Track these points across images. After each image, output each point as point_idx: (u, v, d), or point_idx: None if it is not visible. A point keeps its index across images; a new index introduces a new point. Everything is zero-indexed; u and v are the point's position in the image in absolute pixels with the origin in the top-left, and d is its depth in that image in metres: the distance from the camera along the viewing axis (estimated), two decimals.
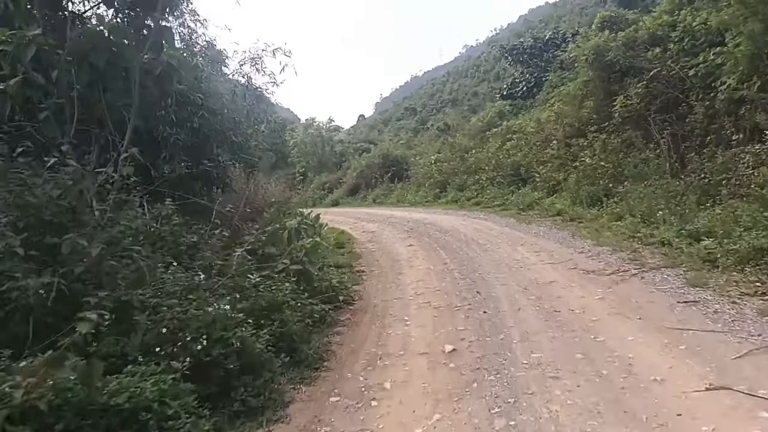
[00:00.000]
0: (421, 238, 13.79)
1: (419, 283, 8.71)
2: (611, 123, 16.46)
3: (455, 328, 6.14)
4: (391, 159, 30.15)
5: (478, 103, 50.01)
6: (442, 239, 13.03)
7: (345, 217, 22.11)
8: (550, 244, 10.70)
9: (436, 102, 72.22)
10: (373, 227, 17.51)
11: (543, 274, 8.24)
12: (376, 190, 29.15)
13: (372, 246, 13.48)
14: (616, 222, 11.48)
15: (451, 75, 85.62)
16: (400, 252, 12.03)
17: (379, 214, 21.46)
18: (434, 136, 33.54)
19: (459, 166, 24.05)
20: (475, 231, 13.64)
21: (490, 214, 17.01)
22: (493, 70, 75.15)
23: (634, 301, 6.39)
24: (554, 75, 29.28)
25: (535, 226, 13.39)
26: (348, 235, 16.18)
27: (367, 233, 16.16)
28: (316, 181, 34.82)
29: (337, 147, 38.21)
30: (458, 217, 17.48)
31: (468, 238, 12.60)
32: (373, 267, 10.65)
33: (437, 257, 10.79)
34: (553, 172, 17.86)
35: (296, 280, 6.98)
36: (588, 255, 9.26)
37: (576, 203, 14.90)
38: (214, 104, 10.05)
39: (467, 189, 22.42)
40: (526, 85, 32.81)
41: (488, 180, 21.52)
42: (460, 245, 11.81)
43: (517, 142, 22.32)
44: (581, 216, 13.41)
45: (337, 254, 12.34)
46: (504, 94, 34.42)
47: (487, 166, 22.10)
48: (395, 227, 16.74)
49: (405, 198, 26.09)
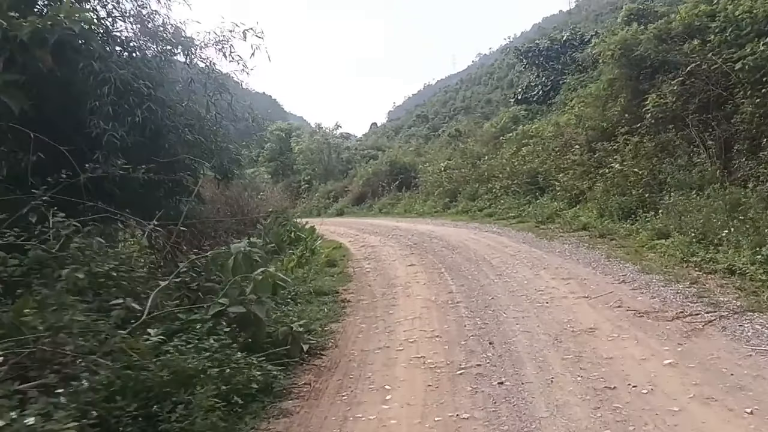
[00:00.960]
0: (425, 255, 11.67)
1: (414, 321, 6.57)
2: (642, 125, 14.26)
3: (457, 413, 3.98)
4: (399, 166, 28.07)
5: (491, 110, 47.94)
6: (448, 258, 10.90)
7: (347, 228, 20.09)
8: (580, 269, 8.51)
9: (449, 109, 70.22)
10: (375, 240, 15.44)
11: (578, 315, 6.06)
12: (383, 199, 27.08)
13: (368, 265, 11.38)
14: (659, 240, 9.27)
15: (464, 82, 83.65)
16: (399, 274, 9.91)
17: (383, 226, 19.39)
18: (445, 143, 31.42)
19: (470, 174, 21.89)
20: (488, 248, 11.50)
21: (505, 228, 14.83)
22: (506, 77, 73.17)
23: (729, 374, 4.13)
24: (572, 78, 27.18)
25: (558, 243, 11.20)
26: (344, 249, 14.14)
27: (366, 248, 14.07)
28: (321, 189, 32.84)
29: (344, 154, 36.20)
30: (469, 230, 15.32)
31: (479, 257, 10.46)
32: (362, 294, 8.53)
33: (441, 283, 8.66)
34: (575, 180, 15.65)
35: (236, 327, 4.91)
36: (633, 286, 7.05)
37: (604, 216, 12.70)
38: (168, 95, 8.05)
39: (479, 198, 20.25)
40: (542, 89, 30.74)
41: (502, 189, 19.35)
42: (469, 267, 9.66)
43: (533, 148, 20.14)
44: (612, 231, 11.20)
45: (326, 275, 10.29)
46: (519, 98, 32.32)
47: (501, 174, 19.92)
48: (398, 241, 14.64)
49: (412, 208, 23.97)
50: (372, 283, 9.39)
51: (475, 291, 7.80)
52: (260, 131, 12.74)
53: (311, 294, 8.43)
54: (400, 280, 9.27)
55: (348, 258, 12.61)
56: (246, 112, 10.78)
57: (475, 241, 12.91)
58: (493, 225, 15.79)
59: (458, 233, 14.76)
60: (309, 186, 34.25)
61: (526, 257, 9.97)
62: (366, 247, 14.29)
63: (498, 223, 16.21)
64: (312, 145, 34.90)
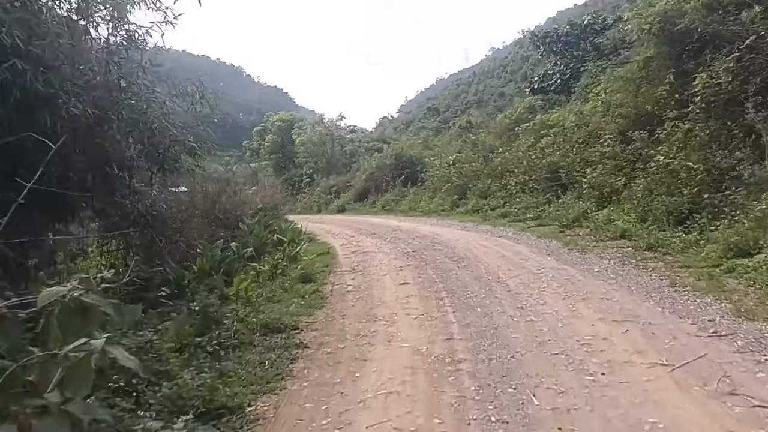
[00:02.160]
0: (423, 269, 9.09)
1: (388, 403, 4.01)
2: (689, 111, 11.56)
3: None
4: (404, 160, 25.45)
5: (504, 103, 45.04)
6: (452, 274, 8.31)
7: (344, 228, 17.57)
8: (637, 303, 5.86)
9: (461, 103, 67.33)
10: (370, 244, 12.92)
11: (666, 413, 3.42)
12: (387, 195, 24.49)
13: (352, 280, 8.83)
14: (740, 260, 6.61)
15: (477, 75, 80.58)
16: (386, 298, 7.32)
17: (383, 226, 16.83)
18: (455, 135, 28.68)
19: (482, 168, 19.20)
20: (503, 261, 8.89)
21: (523, 232, 12.18)
22: (520, 70, 70.12)
23: None
24: (594, 64, 24.41)
25: (594, 256, 8.55)
26: (332, 256, 11.68)
27: (357, 255, 11.54)
28: (323, 184, 30.26)
29: (348, 146, 33.51)
30: (479, 234, 12.69)
31: (492, 275, 7.86)
32: (329, 333, 5.96)
33: (439, 318, 6.05)
34: (606, 176, 12.96)
35: None
36: (737, 345, 4.36)
37: (647, 221, 10.05)
38: (52, 51, 5.52)
39: (491, 196, 17.59)
40: (561, 77, 28.04)
41: (518, 185, 16.68)
42: (478, 291, 7.05)
43: (554, 139, 17.42)
44: (663, 243, 8.54)
45: (293, 296, 7.83)
46: (535, 87, 29.58)
47: (516, 168, 17.24)
48: (396, 247, 12.09)
49: (418, 205, 21.36)
50: (348, 312, 6.82)
51: (486, 338, 5.18)
52: (221, 114, 10.14)
53: (255, 331, 5.92)
54: (385, 310, 6.69)
55: (332, 269, 10.10)
56: (191, 84, 8.20)
57: (487, 249, 10.30)
58: (508, 228, 13.14)
59: (466, 238, 12.14)
60: (310, 180, 31.72)
61: (554, 278, 7.33)
62: (358, 253, 11.75)
63: (513, 225, 13.55)
64: (314, 136, 32.22)
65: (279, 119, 36.08)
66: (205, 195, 15.24)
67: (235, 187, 16.38)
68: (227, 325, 5.79)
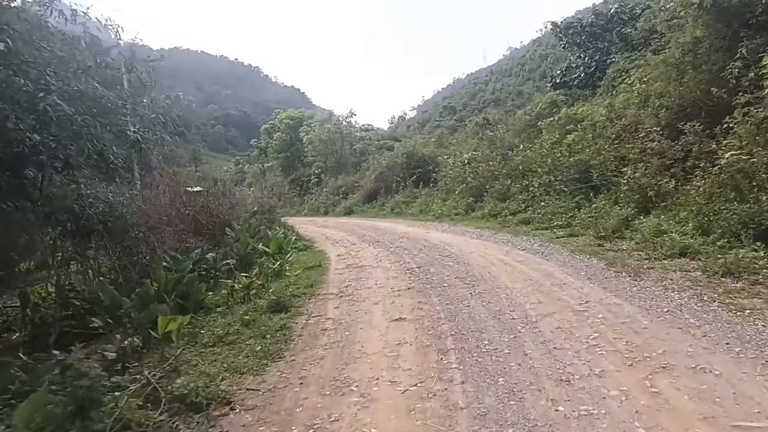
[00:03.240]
0: (427, 294, 6.91)
1: None
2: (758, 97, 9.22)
3: None
4: (416, 159, 23.18)
5: (522, 102, 42.53)
6: (463, 307, 6.09)
7: (346, 234, 15.46)
8: (751, 385, 3.63)
9: (478, 102, 64.83)
10: (370, 256, 10.81)
11: None
12: (397, 197, 22.27)
13: (334, 311, 6.69)
14: None
15: (494, 74, 77.86)
16: (369, 347, 5.11)
17: (390, 232, 14.69)
18: (471, 133, 26.35)
19: (501, 168, 16.90)
20: (531, 288, 6.64)
21: (551, 244, 9.90)
22: (539, 69, 67.38)
23: None
24: (621, 56, 22.10)
25: (654, 284, 6.22)
26: (321, 271, 9.61)
27: (352, 270, 9.44)
28: (331, 184, 28.08)
29: (358, 145, 31.21)
30: (498, 246, 10.44)
31: (517, 312, 5.63)
32: (268, 418, 3.81)
33: (439, 397, 3.81)
34: (649, 177, 10.64)
35: None
36: None
37: (711, 233, 7.74)
38: None
39: (512, 199, 15.30)
40: (585, 71, 25.69)
41: (541, 186, 14.38)
42: (499, 342, 4.77)
43: (582, 135, 15.09)
44: (746, 265, 6.24)
45: (247, 340, 5.75)
46: (557, 82, 27.17)
47: (539, 168, 14.92)
48: (399, 259, 9.94)
49: (429, 208, 19.12)
50: (311, 371, 4.64)
51: None
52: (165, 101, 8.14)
53: (161, 410, 3.80)
54: (364, 369, 4.52)
55: (316, 290, 8.01)
56: (125, 66, 6.09)
57: (508, 268, 8.06)
58: (533, 238, 10.86)
59: (483, 251, 9.91)
60: (318, 181, 29.58)
61: (606, 321, 5.07)
62: (353, 268, 9.62)
63: (539, 234, 11.26)
64: (323, 134, 30.03)
65: (288, 116, 33.84)
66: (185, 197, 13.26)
67: (223, 188, 14.33)
68: (111, 408, 3.66)
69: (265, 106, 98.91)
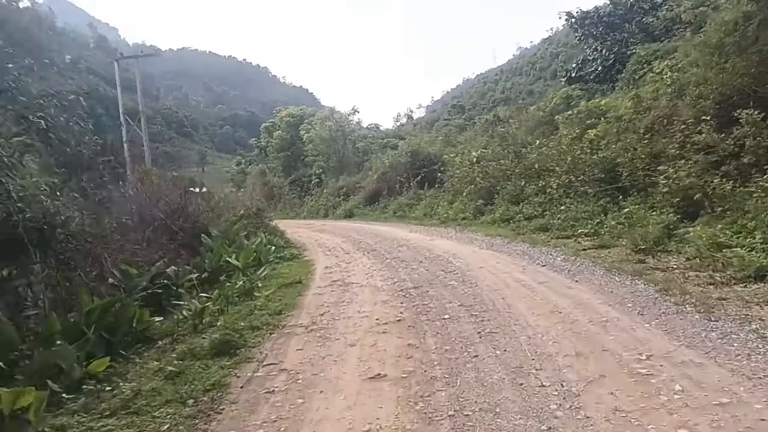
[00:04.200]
0: (421, 332, 5.11)
1: None
2: None
3: None
4: (422, 158, 21.29)
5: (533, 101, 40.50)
6: (469, 355, 4.29)
7: (341, 240, 13.73)
8: None
9: (487, 101, 62.81)
10: (361, 270, 9.07)
11: None
12: (400, 199, 20.42)
13: (295, 356, 4.91)
14: None
15: (504, 73, 75.76)
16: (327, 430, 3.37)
17: (389, 239, 12.92)
18: (480, 131, 24.43)
19: (513, 167, 15.00)
20: (561, 327, 4.77)
21: (577, 258, 7.99)
22: (549, 68, 65.34)
23: None
24: (642, 47, 20.20)
25: (737, 326, 4.33)
26: (299, 290, 7.85)
27: (336, 289, 7.68)
28: (331, 185, 26.22)
29: (361, 143, 29.26)
30: (513, 259, 8.56)
31: (546, 370, 3.79)
32: None
33: None
34: (695, 176, 8.74)
35: None
36: None
37: None
38: None
39: (526, 201, 13.40)
40: (603, 64, 23.81)
41: (560, 188, 12.48)
42: (524, 427, 3.05)
43: (606, 128, 13.16)
44: None
45: (172, 398, 4.02)
46: (572, 76, 25.33)
47: (558, 167, 13.01)
48: (394, 275, 8.18)
49: (435, 211, 17.26)
50: None
51: None
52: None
53: None
54: None
55: (282, 320, 6.23)
56: None
57: (528, 293, 6.21)
58: (553, 249, 8.97)
59: (495, 265, 8.06)
60: (319, 181, 27.74)
61: (691, 399, 3.20)
62: (337, 286, 7.85)
63: (561, 244, 9.37)
64: (323, 132, 28.29)
65: (288, 114, 31.90)
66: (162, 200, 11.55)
67: (201, 191, 12.58)
68: None
69: (273, 106, 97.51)
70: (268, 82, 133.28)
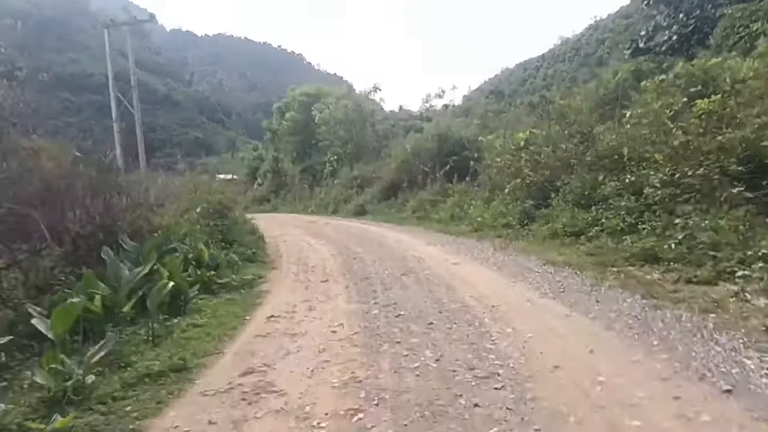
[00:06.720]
0: None
1: None
2: None
3: None
4: (451, 143, 16.52)
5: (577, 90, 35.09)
6: None
7: (335, 253, 9.52)
8: None
9: (528, 88, 57.08)
10: (311, 345, 4.54)
11: None
12: (422, 194, 15.79)
13: None
14: None
15: (546, 60, 69.61)
16: None
17: (398, 256, 8.58)
18: (525, 112, 19.53)
19: (580, 153, 10.20)
20: None
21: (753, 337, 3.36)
22: (594, 54, 59.06)
23: None
24: (736, 8, 15.26)
25: None
26: (155, 407, 3.27)
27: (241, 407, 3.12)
28: (344, 175, 21.65)
29: (381, 126, 24.37)
30: (630, 342, 3.93)
31: None
32: None
33: None
34: None
35: None
36: None
37: None
38: None
39: (602, 205, 8.61)
40: (679, 31, 18.65)
41: (660, 184, 7.70)
42: None
43: (724, 101, 8.26)
44: None
45: None
46: (639, 47, 20.20)
47: (657, 154, 8.20)
48: (371, 361, 3.63)
49: (465, 212, 12.62)
50: None
51: None
52: None
53: None
54: None
55: None
56: None
57: None
58: (680, 305, 4.30)
59: (592, 362, 3.48)
60: (333, 170, 23.25)
61: None
62: (246, 403, 3.36)
63: (695, 294, 4.68)
64: (338, 113, 23.73)
65: (302, 93, 27.24)
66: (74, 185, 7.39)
67: (116, 178, 8.27)
68: None
69: None
70: (302, 69, 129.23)
